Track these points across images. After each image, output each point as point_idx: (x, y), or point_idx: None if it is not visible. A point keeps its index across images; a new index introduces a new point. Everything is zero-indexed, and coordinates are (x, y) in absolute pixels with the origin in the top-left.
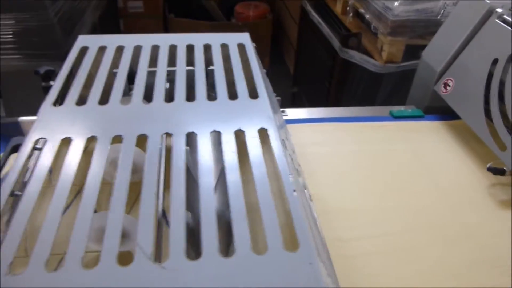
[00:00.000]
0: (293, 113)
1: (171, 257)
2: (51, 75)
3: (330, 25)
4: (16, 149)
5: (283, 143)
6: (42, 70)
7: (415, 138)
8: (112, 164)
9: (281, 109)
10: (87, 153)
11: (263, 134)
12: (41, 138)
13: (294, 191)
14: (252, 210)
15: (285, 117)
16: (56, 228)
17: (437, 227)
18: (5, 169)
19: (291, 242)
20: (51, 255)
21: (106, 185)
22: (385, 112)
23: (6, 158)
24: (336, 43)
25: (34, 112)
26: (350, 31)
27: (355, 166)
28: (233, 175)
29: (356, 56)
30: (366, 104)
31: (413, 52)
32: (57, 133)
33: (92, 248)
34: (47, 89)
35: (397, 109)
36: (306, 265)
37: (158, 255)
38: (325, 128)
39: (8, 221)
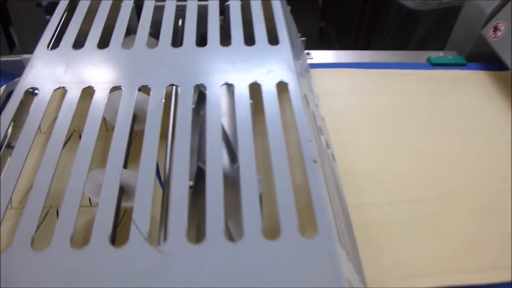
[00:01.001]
0: (316, 55)
1: (170, 239)
2: (55, 7)
3: None
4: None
5: (305, 99)
6: (44, 2)
7: (452, 90)
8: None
9: (306, 51)
10: (82, 103)
11: (282, 88)
12: (32, 88)
13: (315, 161)
14: (267, 182)
15: (310, 61)
16: (46, 191)
17: (460, 197)
18: None
19: (309, 224)
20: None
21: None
22: (420, 58)
23: (2, 106)
24: None
25: None
26: None
27: (380, 120)
28: (244, 141)
29: None
30: (399, 46)
31: None
32: (50, 82)
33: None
34: None
35: (435, 55)
36: (324, 256)
37: (165, 233)
38: (351, 75)
39: None
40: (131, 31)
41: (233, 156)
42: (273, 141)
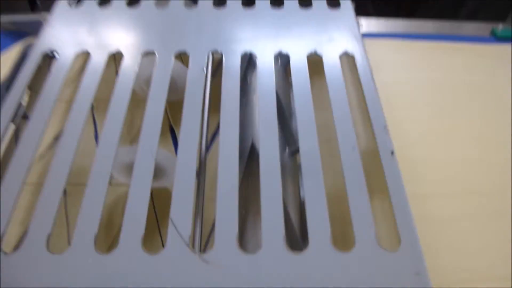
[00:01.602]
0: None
1: (218, 246)
2: None
3: None
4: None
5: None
6: None
7: None
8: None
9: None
10: (108, 70)
11: (347, 61)
12: (51, 51)
13: (392, 153)
14: (333, 175)
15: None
16: (66, 174)
17: None
18: None
19: (388, 234)
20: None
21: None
22: (478, 29)
23: (16, 68)
24: None
25: None
26: None
27: (435, 100)
28: (305, 125)
29: None
30: (448, 16)
31: None
32: (71, 45)
33: (119, 181)
34: None
35: (494, 26)
36: (409, 275)
37: (201, 230)
38: (399, 47)
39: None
40: None
41: (288, 139)
42: (341, 128)
